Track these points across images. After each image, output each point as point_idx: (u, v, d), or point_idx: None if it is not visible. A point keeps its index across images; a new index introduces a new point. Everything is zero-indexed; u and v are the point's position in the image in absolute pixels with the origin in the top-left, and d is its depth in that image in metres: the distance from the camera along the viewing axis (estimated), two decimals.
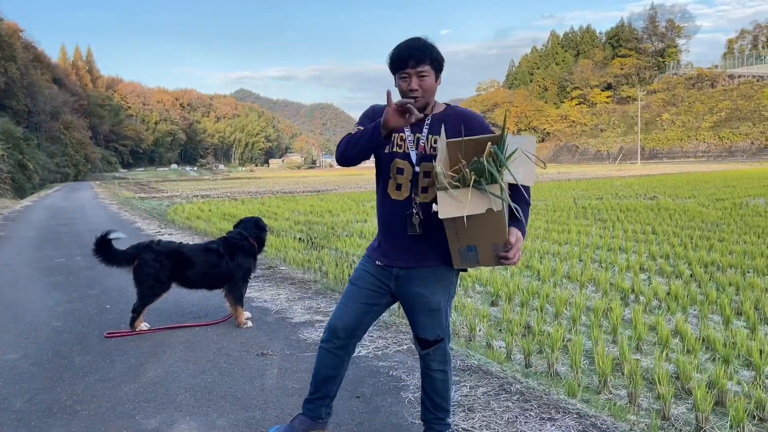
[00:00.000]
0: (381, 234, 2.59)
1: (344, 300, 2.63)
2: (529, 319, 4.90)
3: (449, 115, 2.49)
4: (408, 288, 2.51)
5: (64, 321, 5.12)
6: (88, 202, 24.48)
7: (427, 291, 2.49)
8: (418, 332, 2.58)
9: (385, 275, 2.53)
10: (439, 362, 2.59)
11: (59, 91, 78.80)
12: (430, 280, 2.48)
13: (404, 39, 2.42)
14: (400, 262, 2.48)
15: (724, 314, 4.89)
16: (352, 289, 2.61)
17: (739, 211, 12.71)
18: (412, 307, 2.55)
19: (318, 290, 6.13)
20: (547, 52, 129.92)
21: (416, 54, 2.34)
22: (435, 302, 2.50)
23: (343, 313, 2.59)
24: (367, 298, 2.57)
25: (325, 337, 2.65)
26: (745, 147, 76.40)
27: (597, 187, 24.01)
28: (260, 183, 44.96)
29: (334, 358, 2.64)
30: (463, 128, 2.40)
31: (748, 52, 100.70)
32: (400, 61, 2.36)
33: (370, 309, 2.59)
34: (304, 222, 13.25)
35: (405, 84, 2.37)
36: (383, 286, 2.55)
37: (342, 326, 2.58)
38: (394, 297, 2.59)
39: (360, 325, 2.61)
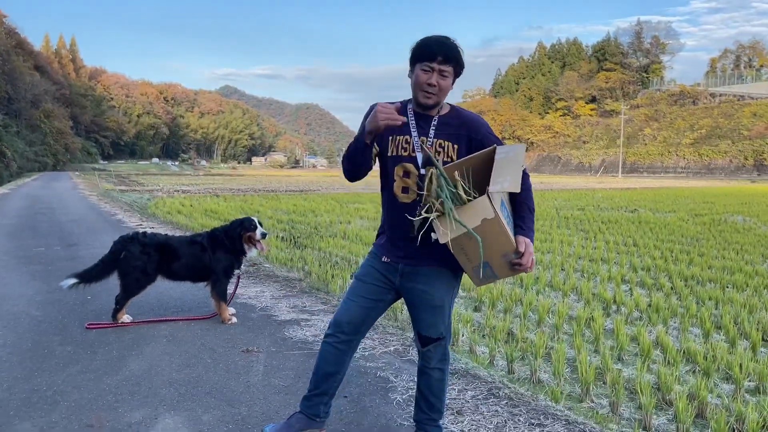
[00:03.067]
0: (388, 232, 2.58)
1: (349, 295, 2.63)
2: (512, 325, 4.92)
3: (454, 118, 2.49)
4: (413, 284, 2.52)
5: (44, 311, 5.04)
6: (68, 192, 24.13)
7: (431, 288, 2.50)
8: (420, 329, 2.58)
9: (391, 271, 2.54)
10: (438, 360, 2.60)
11: (41, 78, 77.63)
12: (435, 278, 2.49)
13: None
14: (407, 260, 2.49)
15: (704, 327, 4.96)
16: (358, 284, 2.62)
17: (717, 227, 12.91)
18: (415, 303, 2.56)
19: (303, 289, 6.11)
20: (534, 62, 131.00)
21: (446, 51, 2.34)
22: (438, 299, 2.52)
23: (349, 307, 2.60)
24: (373, 294, 2.58)
25: (330, 331, 2.64)
26: (723, 165, 77.63)
27: (579, 197, 24.23)
28: (243, 180, 44.67)
29: (337, 354, 2.63)
30: (470, 134, 2.45)
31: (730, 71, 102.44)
32: (429, 52, 2.35)
33: (375, 305, 2.60)
34: (287, 221, 13.19)
35: (425, 76, 2.36)
36: (388, 282, 2.56)
37: (348, 320, 2.59)
38: (398, 293, 2.60)
39: (365, 321, 2.62)
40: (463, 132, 2.46)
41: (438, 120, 2.46)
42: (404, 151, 2.47)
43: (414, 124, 2.47)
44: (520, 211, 2.38)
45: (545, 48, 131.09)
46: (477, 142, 2.45)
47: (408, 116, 2.47)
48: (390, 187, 2.51)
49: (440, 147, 2.43)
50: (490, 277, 2.33)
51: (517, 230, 2.31)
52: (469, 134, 2.46)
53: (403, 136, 2.47)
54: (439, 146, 2.43)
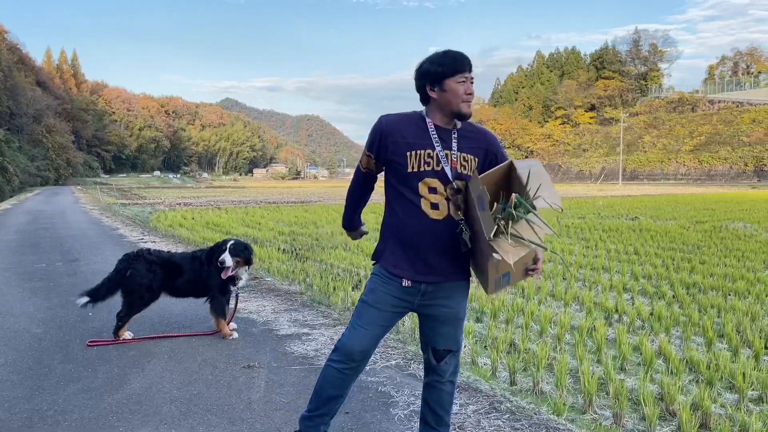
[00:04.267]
0: (409, 253, 2.44)
1: (363, 323, 2.49)
2: (514, 336, 4.91)
3: (471, 131, 2.50)
4: (435, 301, 2.48)
5: (45, 328, 5.04)
6: (69, 206, 24.18)
7: (452, 302, 2.50)
8: (438, 344, 2.54)
9: (412, 293, 2.46)
10: (451, 373, 2.59)
11: (43, 94, 78.03)
12: (456, 292, 2.50)
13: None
14: (431, 278, 2.42)
15: (707, 336, 4.95)
16: (373, 312, 2.48)
17: (719, 234, 12.89)
18: (437, 319, 2.52)
19: (304, 302, 6.10)
20: (533, 71, 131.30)
21: (469, 61, 2.42)
22: (461, 311, 2.54)
23: (362, 336, 2.48)
24: (388, 321, 2.52)
25: (338, 358, 2.52)
26: (723, 171, 77.59)
27: (579, 206, 24.22)
28: (244, 192, 44.75)
29: (344, 379, 2.54)
30: (487, 146, 2.49)
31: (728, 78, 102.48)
32: (462, 64, 2.39)
33: (387, 330, 2.58)
34: (288, 233, 13.19)
35: (464, 87, 2.38)
36: (406, 305, 2.50)
37: (360, 350, 2.48)
38: (410, 311, 2.56)
39: (375, 346, 2.57)
40: (482, 145, 2.48)
41: (457, 133, 2.46)
42: (427, 165, 2.39)
43: (436, 137, 2.42)
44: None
45: (544, 57, 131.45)
46: (492, 155, 2.49)
47: (428, 130, 2.43)
48: (416, 205, 2.40)
49: (464, 161, 2.42)
50: (505, 285, 2.37)
51: None
52: (486, 147, 2.49)
53: (425, 150, 2.40)
54: (464, 160, 2.42)
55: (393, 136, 2.43)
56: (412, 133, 2.42)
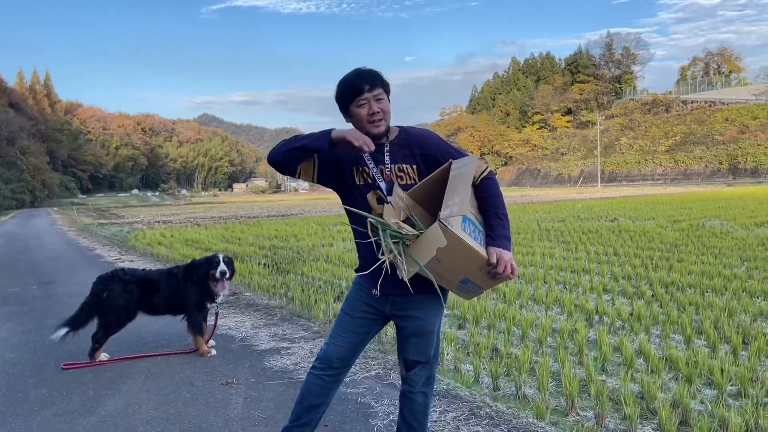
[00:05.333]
0: (370, 264, 2.39)
1: (338, 330, 2.55)
2: (496, 341, 4.90)
3: (404, 139, 2.46)
4: (404, 312, 2.47)
5: (18, 353, 4.93)
6: (45, 229, 23.81)
7: (422, 313, 2.47)
8: (408, 354, 2.53)
9: (381, 301, 2.48)
10: (422, 384, 2.56)
11: (16, 115, 76.96)
12: (426, 303, 2.45)
13: (373, 66, 2.41)
14: (398, 290, 2.36)
15: (686, 334, 4.98)
16: (346, 319, 2.55)
17: (696, 232, 13.05)
18: (407, 329, 2.51)
19: (284, 317, 6.04)
20: (509, 77, 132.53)
21: (368, 78, 2.36)
22: (430, 324, 2.49)
23: (339, 343, 2.53)
24: (362, 327, 2.54)
25: (318, 365, 2.56)
26: (699, 170, 78.72)
27: (559, 209, 24.40)
28: (224, 208, 44.43)
29: (324, 387, 2.57)
30: (422, 150, 2.41)
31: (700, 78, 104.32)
32: (356, 88, 2.35)
33: (365, 338, 2.57)
34: (268, 247, 13.10)
35: (365, 110, 2.35)
36: (378, 312, 2.51)
37: (338, 356, 2.53)
38: (386, 320, 2.56)
39: (354, 354, 2.57)
40: (415, 151, 2.42)
41: (390, 145, 2.44)
42: (370, 179, 2.44)
43: (368, 156, 2.42)
44: (489, 220, 2.33)
45: (519, 63, 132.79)
46: (431, 157, 2.41)
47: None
48: (359, 222, 2.40)
49: (400, 171, 2.41)
50: (475, 290, 2.33)
51: (487, 240, 2.28)
52: (421, 151, 2.42)
53: (362, 167, 2.44)
54: (399, 170, 2.41)
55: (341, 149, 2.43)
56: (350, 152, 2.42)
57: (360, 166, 2.45)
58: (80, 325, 4.60)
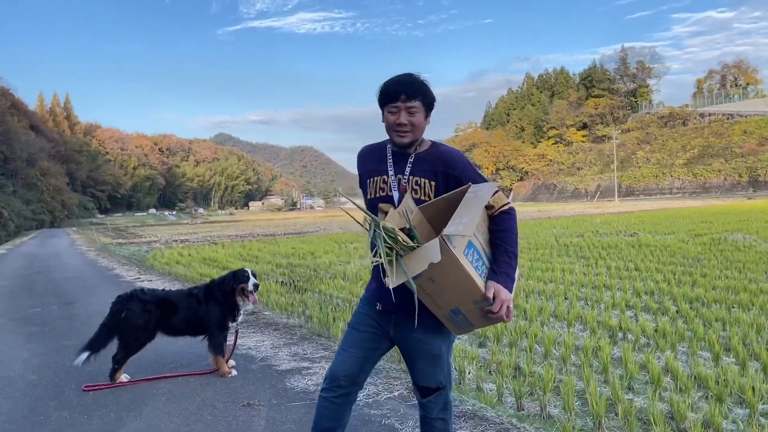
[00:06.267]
0: (377, 279, 2.45)
1: (344, 346, 2.50)
2: (519, 359, 4.83)
3: (431, 154, 2.41)
4: (407, 334, 2.40)
5: (39, 374, 4.94)
6: (65, 249, 24.06)
7: (426, 337, 2.38)
8: (418, 380, 2.47)
9: (384, 320, 2.43)
10: (439, 410, 2.48)
11: (36, 137, 78.27)
12: (430, 326, 2.34)
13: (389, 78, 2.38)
14: (400, 308, 2.33)
15: (713, 351, 4.87)
16: (353, 333, 2.50)
17: (718, 246, 12.86)
18: (411, 353, 2.45)
19: (303, 336, 6.01)
20: (523, 93, 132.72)
21: (408, 88, 2.31)
22: (436, 347, 2.41)
23: (345, 359, 2.46)
24: (368, 342, 2.47)
25: (325, 386, 2.49)
26: (718, 183, 77.96)
27: (577, 224, 24.21)
28: (241, 226, 44.66)
29: (335, 408, 2.48)
30: (446, 170, 2.36)
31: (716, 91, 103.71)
32: (391, 93, 2.33)
33: (371, 354, 2.49)
34: (286, 265, 13.11)
35: (393, 117, 2.33)
36: (382, 330, 2.46)
37: (344, 374, 2.45)
38: (392, 341, 2.49)
39: (362, 371, 2.48)
40: (439, 168, 2.37)
41: (414, 157, 2.40)
42: (382, 191, 2.41)
43: (391, 162, 2.42)
44: (496, 254, 2.24)
45: (533, 78, 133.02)
46: (454, 179, 2.35)
47: (387, 156, 2.44)
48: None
49: (417, 185, 2.36)
50: (465, 325, 2.21)
51: (489, 274, 2.18)
52: (445, 170, 2.36)
53: (381, 177, 2.43)
54: (416, 184, 2.36)
55: (362, 166, 2.53)
56: (375, 160, 2.48)
57: (374, 177, 2.44)
58: (100, 347, 4.60)
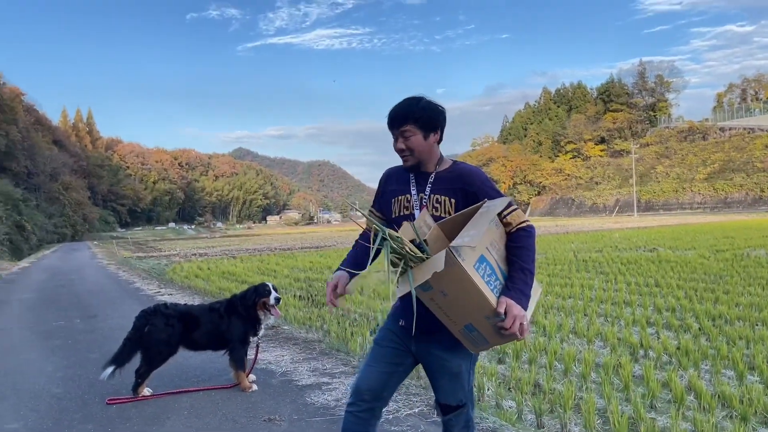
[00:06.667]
0: (401, 297, 2.47)
1: (368, 361, 2.56)
2: (538, 376, 4.81)
3: (450, 172, 2.47)
4: (428, 350, 2.43)
5: (64, 387, 5.01)
6: (86, 262, 24.37)
7: (447, 354, 2.41)
8: (440, 397, 2.49)
9: (407, 336, 2.46)
10: (461, 428, 2.49)
11: (59, 152, 79.74)
12: (450, 343, 2.35)
13: (402, 97, 2.49)
14: (421, 325, 2.33)
15: (737, 369, 4.81)
16: (376, 349, 2.55)
17: (741, 262, 12.69)
18: (432, 370, 2.47)
19: (323, 350, 6.04)
20: (540, 107, 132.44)
21: (396, 115, 2.43)
22: (456, 365, 2.43)
23: (368, 373, 2.51)
24: (392, 358, 2.50)
25: (351, 400, 2.52)
26: (740, 198, 76.93)
27: (596, 239, 24.03)
28: (258, 240, 44.93)
29: (360, 422, 2.49)
30: (464, 186, 2.41)
31: (737, 105, 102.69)
32: (388, 122, 2.47)
33: (395, 369, 2.51)
34: (303, 279, 13.16)
35: (397, 144, 2.46)
36: (405, 347, 2.49)
37: (367, 387, 2.47)
38: (416, 358, 2.52)
39: (386, 387, 2.50)
40: (458, 185, 2.42)
41: (435, 176, 2.48)
42: (406, 209, 2.49)
43: (414, 182, 2.51)
44: (511, 271, 2.24)
45: (550, 93, 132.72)
46: (472, 195, 2.39)
47: (409, 176, 2.53)
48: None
49: (437, 202, 2.42)
50: (481, 342, 2.22)
51: (502, 290, 2.18)
52: (463, 187, 2.41)
53: (404, 195, 2.51)
54: (436, 201, 2.43)
55: (386, 186, 2.64)
56: (399, 180, 2.58)
57: (398, 196, 2.53)
58: (125, 361, 4.66)
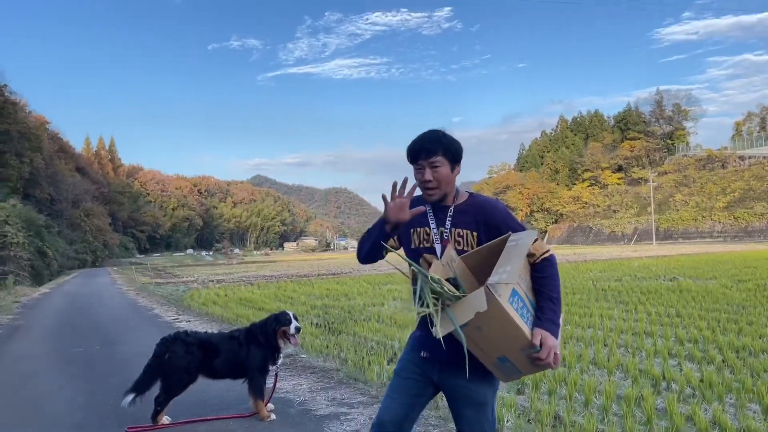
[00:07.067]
0: (422, 328, 2.52)
1: (390, 392, 2.57)
2: (558, 408, 4.75)
3: (470, 205, 2.49)
4: (453, 380, 2.43)
5: (84, 414, 5.04)
6: (106, 288, 24.59)
7: (474, 384, 2.40)
8: (463, 427, 2.48)
9: (429, 366, 2.48)
10: None
11: (82, 179, 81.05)
12: (477, 373, 2.35)
13: (420, 127, 2.55)
14: (445, 356, 2.36)
15: (763, 403, 4.71)
16: (398, 380, 2.56)
17: (764, 292, 12.46)
18: (456, 399, 2.47)
19: (340, 380, 6.02)
20: (557, 135, 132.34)
21: (427, 145, 2.42)
22: (481, 395, 2.43)
23: (390, 405, 2.52)
24: (414, 389, 2.51)
25: (374, 431, 2.54)
26: (761, 227, 75.72)
27: (614, 268, 23.77)
28: (275, 267, 45.05)
29: None
30: (486, 219, 2.43)
31: (756, 134, 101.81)
32: (413, 153, 2.46)
33: (417, 401, 2.53)
34: (320, 306, 13.16)
35: (420, 175, 2.45)
36: (427, 378, 2.50)
37: (390, 419, 2.50)
38: (437, 388, 2.52)
39: (408, 418, 2.52)
40: (480, 219, 2.44)
41: (454, 209, 2.49)
42: (426, 242, 2.50)
43: (432, 215, 2.51)
44: (539, 301, 2.29)
45: (567, 121, 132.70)
46: (494, 228, 2.41)
47: (427, 208, 2.52)
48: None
49: (459, 236, 2.44)
50: (513, 372, 2.26)
51: (534, 321, 2.23)
52: (485, 220, 2.44)
53: (423, 228, 2.52)
54: (458, 236, 2.44)
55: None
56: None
57: (417, 228, 2.52)
58: (145, 389, 4.68)
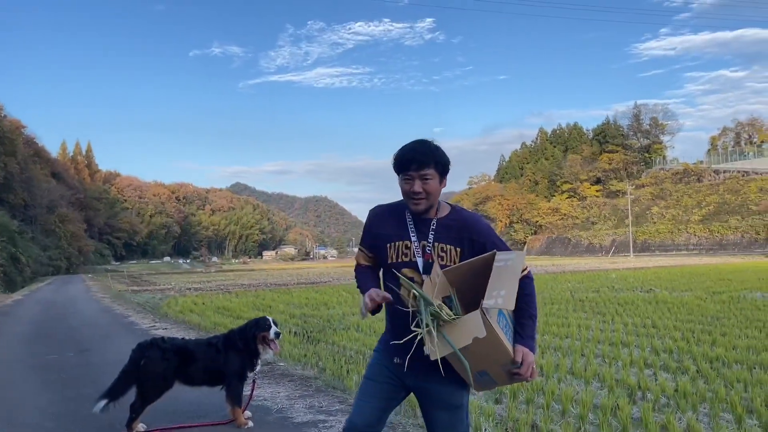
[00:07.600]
0: (391, 333, 2.47)
1: (361, 396, 2.56)
2: (536, 417, 4.77)
3: (455, 220, 2.43)
4: (427, 384, 2.43)
5: (57, 422, 4.95)
6: (81, 295, 24.20)
7: (449, 387, 2.41)
8: (435, 430, 2.49)
9: (402, 372, 2.44)
10: None
11: (57, 184, 79.80)
12: (452, 377, 2.34)
13: (402, 137, 2.51)
14: (419, 361, 2.32)
15: (735, 412, 4.78)
16: (370, 384, 2.54)
17: (737, 304, 12.68)
18: (431, 403, 2.46)
19: (319, 387, 5.99)
20: (536, 147, 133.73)
21: (419, 157, 2.34)
22: (457, 397, 2.43)
23: (362, 409, 2.52)
24: (386, 393, 2.52)
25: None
26: (735, 240, 77.11)
27: (592, 279, 24.00)
28: (254, 275, 44.71)
29: None
30: (472, 236, 2.39)
31: (731, 148, 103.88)
32: (404, 163, 2.37)
33: (389, 404, 2.55)
34: (299, 315, 13.09)
35: (408, 186, 2.36)
36: (400, 381, 2.50)
37: (362, 423, 2.49)
38: (409, 391, 2.53)
39: (380, 421, 2.54)
40: (465, 234, 2.39)
41: (437, 223, 2.42)
42: (405, 256, 2.42)
43: (413, 228, 2.43)
44: (520, 318, 2.33)
45: (546, 133, 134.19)
46: (479, 245, 2.37)
47: (406, 220, 2.45)
48: (398, 295, 2.37)
49: (442, 251, 2.38)
50: (489, 384, 2.30)
51: (515, 338, 2.27)
52: (471, 236, 2.39)
53: (402, 242, 2.43)
54: (441, 250, 2.38)
55: (378, 228, 2.51)
56: (393, 224, 2.47)
57: (395, 242, 2.44)
58: (119, 394, 4.61)
